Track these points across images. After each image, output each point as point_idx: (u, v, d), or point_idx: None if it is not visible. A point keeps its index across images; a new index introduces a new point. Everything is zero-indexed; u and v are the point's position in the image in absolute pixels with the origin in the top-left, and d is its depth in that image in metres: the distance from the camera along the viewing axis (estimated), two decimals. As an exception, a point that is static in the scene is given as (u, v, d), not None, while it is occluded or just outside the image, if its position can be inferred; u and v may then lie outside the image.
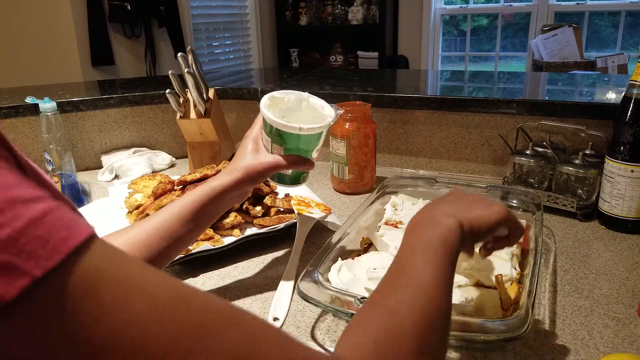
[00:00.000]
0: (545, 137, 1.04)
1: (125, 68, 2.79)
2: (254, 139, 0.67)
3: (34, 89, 1.37)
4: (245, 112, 1.40)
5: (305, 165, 0.66)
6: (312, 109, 0.69)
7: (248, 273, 0.77)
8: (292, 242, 0.80)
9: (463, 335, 0.55)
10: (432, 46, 3.66)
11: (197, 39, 3.15)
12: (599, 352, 0.57)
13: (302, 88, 1.31)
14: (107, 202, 1.00)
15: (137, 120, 1.34)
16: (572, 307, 0.65)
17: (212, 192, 0.62)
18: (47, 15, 2.45)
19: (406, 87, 1.45)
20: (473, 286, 0.63)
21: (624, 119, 0.83)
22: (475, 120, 1.14)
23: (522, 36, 3.56)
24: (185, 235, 0.61)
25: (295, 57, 3.91)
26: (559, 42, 3.07)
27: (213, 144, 1.17)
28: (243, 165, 0.64)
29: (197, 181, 0.88)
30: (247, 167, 0.64)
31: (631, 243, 0.83)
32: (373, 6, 3.56)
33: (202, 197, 0.62)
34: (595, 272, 0.74)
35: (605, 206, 0.88)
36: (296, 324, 0.63)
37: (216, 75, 1.81)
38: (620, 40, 3.28)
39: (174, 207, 0.61)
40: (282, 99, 0.68)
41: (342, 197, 1.08)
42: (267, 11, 3.73)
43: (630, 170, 0.83)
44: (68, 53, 2.51)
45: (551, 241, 0.84)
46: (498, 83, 1.38)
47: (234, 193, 0.64)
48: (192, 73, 1.05)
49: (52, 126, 1.02)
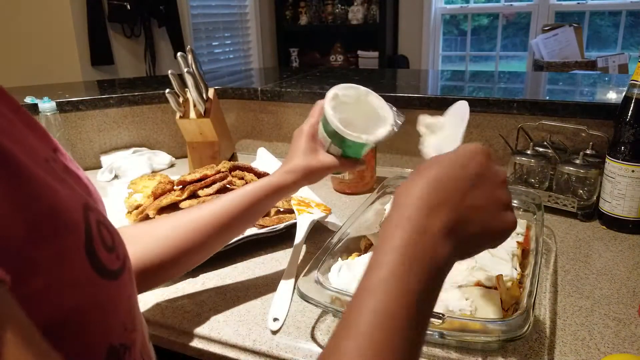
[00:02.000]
0: (546, 137, 1.04)
1: (125, 68, 2.79)
2: (310, 135, 0.67)
3: (34, 89, 1.37)
4: (245, 111, 1.40)
5: (360, 166, 0.69)
6: (369, 105, 0.69)
7: (248, 273, 0.77)
8: (292, 242, 0.80)
9: (464, 336, 0.55)
10: (433, 46, 3.66)
11: (196, 39, 3.15)
12: (600, 352, 0.56)
13: (302, 88, 1.31)
14: (106, 202, 0.99)
15: (136, 120, 1.34)
16: (573, 307, 0.65)
17: (271, 189, 0.64)
18: (46, 14, 2.45)
19: (406, 86, 1.44)
20: (473, 286, 0.63)
21: (624, 119, 0.83)
22: (476, 120, 1.13)
23: (522, 36, 3.56)
24: (239, 224, 0.64)
25: (295, 57, 3.91)
26: (559, 41, 3.07)
27: (213, 144, 1.17)
28: (304, 165, 0.65)
29: (196, 181, 0.88)
30: (307, 168, 0.65)
31: (632, 243, 0.83)
32: (373, 6, 3.56)
33: (262, 191, 0.64)
34: (596, 273, 0.74)
35: (606, 206, 0.87)
36: (296, 324, 0.63)
37: (216, 75, 1.81)
38: (621, 40, 3.27)
39: (235, 196, 0.63)
40: (343, 94, 0.68)
41: (342, 197, 1.08)
42: (267, 11, 3.73)
43: (630, 170, 0.83)
44: (67, 53, 2.51)
45: (552, 241, 0.84)
46: (499, 83, 1.38)
47: (291, 191, 0.66)
48: (191, 73, 1.05)
49: (51, 126, 1.01)
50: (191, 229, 0.60)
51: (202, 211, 0.62)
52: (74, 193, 0.31)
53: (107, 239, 0.33)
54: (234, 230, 0.65)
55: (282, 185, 0.64)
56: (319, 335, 0.61)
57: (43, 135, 0.34)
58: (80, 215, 0.31)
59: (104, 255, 0.31)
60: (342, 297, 0.58)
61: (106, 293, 0.32)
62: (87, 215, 0.31)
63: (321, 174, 0.67)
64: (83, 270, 0.29)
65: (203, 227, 0.61)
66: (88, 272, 0.30)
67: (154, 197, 0.89)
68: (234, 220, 0.62)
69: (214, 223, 0.61)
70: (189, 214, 0.63)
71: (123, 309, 0.34)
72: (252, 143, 1.41)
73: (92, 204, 0.33)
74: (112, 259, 0.32)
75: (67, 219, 0.29)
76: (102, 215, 0.34)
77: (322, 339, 0.60)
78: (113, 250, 0.33)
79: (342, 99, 0.68)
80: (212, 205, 0.63)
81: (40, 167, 0.29)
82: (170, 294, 0.71)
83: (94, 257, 0.30)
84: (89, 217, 0.31)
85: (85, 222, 0.31)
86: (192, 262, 0.63)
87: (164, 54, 2.96)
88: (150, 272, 0.58)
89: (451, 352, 0.57)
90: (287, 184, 0.64)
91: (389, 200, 0.87)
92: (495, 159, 0.43)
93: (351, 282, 0.62)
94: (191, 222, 0.61)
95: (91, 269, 0.30)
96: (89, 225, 0.31)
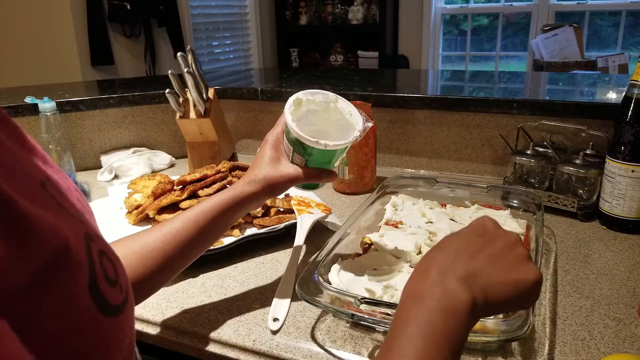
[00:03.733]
0: (546, 137, 1.04)
1: (125, 68, 2.79)
2: (274, 144, 0.64)
3: (33, 89, 1.37)
4: (245, 111, 1.40)
5: (326, 177, 0.64)
6: (338, 112, 0.65)
7: (248, 273, 0.77)
8: (292, 242, 0.79)
9: (463, 336, 0.55)
10: (433, 46, 3.66)
11: (196, 39, 3.15)
12: (600, 352, 0.56)
13: (302, 88, 1.31)
14: (106, 202, 1.00)
15: (136, 120, 1.34)
16: (573, 307, 0.65)
17: (231, 201, 0.61)
18: (46, 14, 2.45)
19: (406, 86, 1.44)
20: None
21: (624, 119, 0.83)
22: (476, 120, 1.13)
23: (522, 36, 3.56)
24: (201, 242, 0.61)
25: (295, 57, 3.91)
26: (559, 41, 3.06)
27: (213, 144, 1.17)
28: (263, 176, 0.62)
29: (196, 181, 0.88)
30: (267, 179, 0.61)
31: (632, 243, 0.83)
32: (373, 6, 3.56)
33: (221, 205, 0.61)
34: (595, 273, 0.74)
35: (606, 206, 0.87)
36: (296, 324, 0.63)
37: (216, 75, 1.81)
38: (621, 40, 3.27)
39: (192, 214, 0.60)
40: (309, 101, 0.65)
41: (342, 197, 1.08)
42: (267, 11, 3.73)
43: (630, 170, 0.83)
44: (67, 53, 2.51)
45: (552, 241, 0.84)
46: (499, 83, 1.38)
47: (252, 203, 0.63)
48: (191, 73, 1.05)
49: (51, 126, 1.01)
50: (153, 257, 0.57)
51: (152, 234, 0.58)
52: (73, 223, 0.29)
53: (110, 272, 0.31)
54: (197, 249, 0.62)
55: (242, 197, 0.61)
56: (319, 335, 0.61)
57: (34, 151, 0.32)
58: (83, 251, 0.29)
59: (107, 291, 0.29)
60: (342, 297, 0.58)
61: (109, 330, 0.30)
62: (90, 248, 0.29)
63: (283, 186, 0.62)
64: (87, 311, 0.27)
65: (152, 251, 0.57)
66: (92, 313, 0.28)
67: (154, 197, 0.89)
68: (197, 236, 0.59)
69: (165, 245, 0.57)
70: (139, 238, 0.58)
71: (126, 344, 0.32)
72: (252, 143, 1.41)
73: (92, 231, 0.31)
74: (115, 293, 0.31)
75: (71, 259, 0.27)
76: (103, 243, 0.32)
77: (322, 339, 0.60)
78: (116, 284, 0.31)
79: (310, 106, 0.64)
80: (164, 226, 0.59)
81: (37, 198, 0.27)
82: (170, 294, 0.71)
83: (97, 295, 0.28)
84: (92, 249, 0.29)
85: (88, 257, 0.29)
86: (146, 291, 0.59)
87: (164, 54, 2.96)
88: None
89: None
90: (246, 195, 0.61)
91: (389, 201, 0.87)
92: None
93: (351, 283, 0.62)
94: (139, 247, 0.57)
95: (95, 308, 0.28)
96: (92, 260, 0.29)
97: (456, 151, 1.18)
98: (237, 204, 0.61)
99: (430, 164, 1.22)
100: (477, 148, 1.16)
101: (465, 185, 0.90)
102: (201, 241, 0.61)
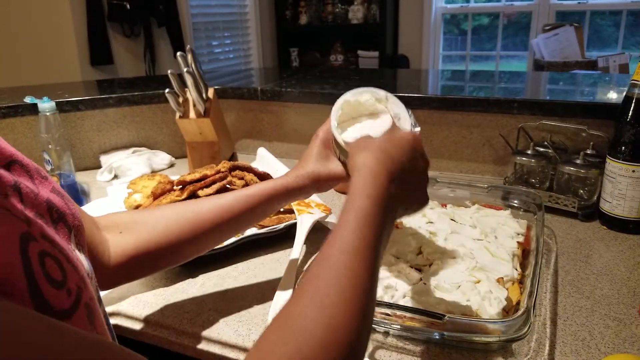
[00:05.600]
0: (546, 137, 1.04)
1: (125, 67, 2.79)
2: (324, 140, 0.64)
3: (33, 89, 1.37)
4: (244, 111, 1.40)
5: None
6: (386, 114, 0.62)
7: (247, 273, 0.76)
8: (292, 243, 0.79)
9: (464, 336, 0.55)
10: (433, 45, 3.66)
11: (196, 38, 3.15)
12: (600, 352, 0.56)
13: (302, 87, 1.31)
14: (106, 202, 0.99)
15: (136, 120, 1.34)
16: (573, 307, 0.65)
17: (280, 189, 0.62)
18: (46, 14, 2.44)
19: (407, 86, 1.44)
20: (474, 285, 0.63)
21: (625, 119, 0.83)
22: (476, 120, 1.13)
23: (523, 35, 3.56)
24: (245, 221, 0.63)
25: (295, 57, 3.91)
26: (560, 41, 3.06)
27: (212, 144, 1.17)
28: (310, 172, 0.62)
29: (196, 181, 0.88)
30: (314, 175, 0.62)
31: (632, 243, 0.83)
32: (373, 5, 3.56)
33: (272, 191, 0.62)
34: (596, 273, 0.74)
35: (607, 206, 0.87)
36: (296, 324, 0.63)
37: (216, 75, 1.80)
38: (622, 39, 3.27)
39: (243, 194, 0.62)
40: (357, 103, 0.62)
41: (343, 197, 1.07)
42: (266, 10, 3.73)
43: (631, 170, 0.83)
44: (67, 52, 2.51)
45: (552, 241, 0.84)
46: (499, 83, 1.38)
47: (299, 196, 0.64)
48: (191, 72, 1.04)
49: (51, 126, 1.01)
50: (193, 221, 0.60)
51: (206, 204, 0.61)
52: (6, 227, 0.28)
53: (55, 273, 0.29)
54: (236, 227, 0.63)
55: (292, 188, 0.62)
56: (318, 335, 0.61)
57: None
58: (16, 253, 0.27)
59: (51, 294, 0.28)
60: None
61: None
62: (25, 250, 0.28)
63: (330, 184, 0.63)
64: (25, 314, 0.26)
65: (205, 220, 0.60)
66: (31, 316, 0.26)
67: (154, 197, 0.89)
68: (237, 216, 0.61)
69: (216, 218, 0.60)
70: (193, 205, 0.62)
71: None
72: (252, 143, 1.41)
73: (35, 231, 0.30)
74: (62, 297, 0.29)
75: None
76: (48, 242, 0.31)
77: (322, 339, 0.60)
78: (63, 286, 0.29)
79: (359, 107, 0.62)
80: (219, 199, 0.62)
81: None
82: (170, 294, 0.71)
83: (39, 299, 0.27)
84: (28, 250, 0.28)
85: (22, 259, 0.27)
86: (188, 253, 0.62)
87: (163, 54, 2.96)
88: (146, 259, 0.58)
89: (452, 352, 0.57)
90: (295, 187, 0.62)
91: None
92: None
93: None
94: (194, 213, 0.60)
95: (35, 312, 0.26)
96: (28, 261, 0.27)
97: (456, 151, 1.18)
98: (285, 194, 0.62)
99: (431, 163, 1.22)
100: (478, 148, 1.16)
101: (466, 185, 0.90)
102: (242, 221, 0.63)
